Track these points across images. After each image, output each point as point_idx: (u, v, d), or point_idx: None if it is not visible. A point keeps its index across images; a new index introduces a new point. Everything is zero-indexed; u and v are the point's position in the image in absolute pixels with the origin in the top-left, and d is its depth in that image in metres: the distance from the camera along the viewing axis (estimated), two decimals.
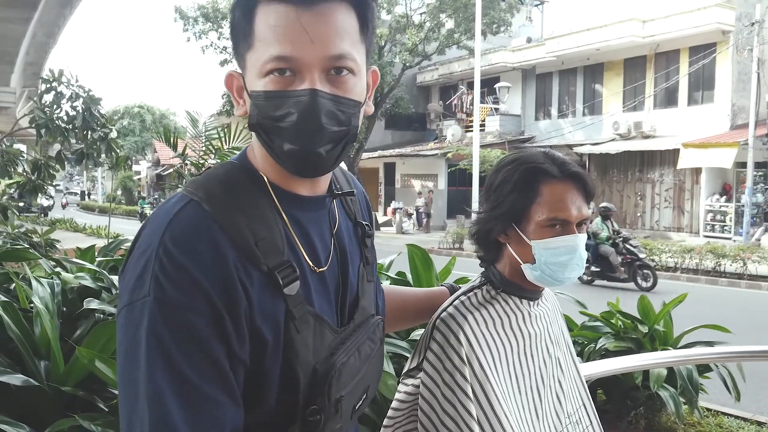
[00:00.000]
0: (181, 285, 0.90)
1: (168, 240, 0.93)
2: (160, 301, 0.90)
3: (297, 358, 1.00)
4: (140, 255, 0.95)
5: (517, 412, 1.42)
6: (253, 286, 0.96)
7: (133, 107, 55.95)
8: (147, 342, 0.89)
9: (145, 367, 0.88)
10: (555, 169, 1.42)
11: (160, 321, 0.89)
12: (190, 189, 1.01)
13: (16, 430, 2.23)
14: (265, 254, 0.98)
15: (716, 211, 20.42)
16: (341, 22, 0.98)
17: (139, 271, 0.93)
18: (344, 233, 1.19)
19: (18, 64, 10.45)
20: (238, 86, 1.05)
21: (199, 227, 0.95)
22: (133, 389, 0.89)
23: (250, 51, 1.00)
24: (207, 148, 6.65)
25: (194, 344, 0.90)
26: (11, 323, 2.60)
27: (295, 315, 1.00)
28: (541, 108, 26.94)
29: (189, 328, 0.90)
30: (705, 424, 4.58)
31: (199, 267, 0.92)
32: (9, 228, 6.32)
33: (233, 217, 0.97)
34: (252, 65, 1.00)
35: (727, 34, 20.14)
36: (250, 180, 1.05)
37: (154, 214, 1.01)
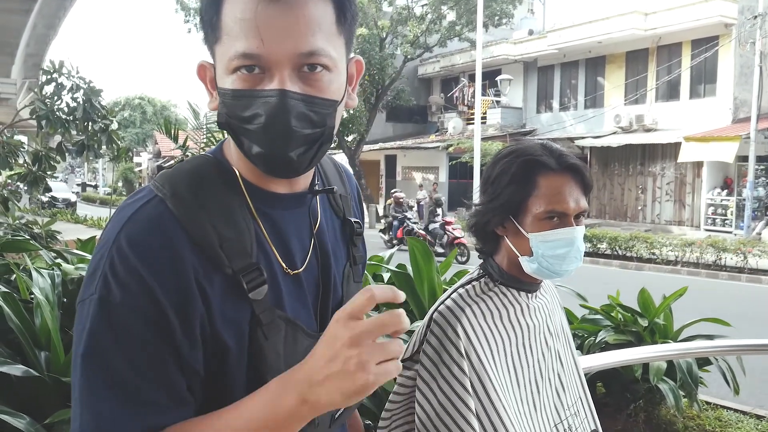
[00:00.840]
0: (128, 286, 0.86)
1: (123, 238, 0.89)
2: (105, 301, 0.86)
3: (266, 365, 0.96)
4: (97, 250, 0.92)
5: (515, 405, 1.42)
6: (214, 290, 0.91)
7: (134, 99, 55.92)
8: (87, 341, 0.86)
9: (81, 367, 0.86)
10: (552, 161, 1.42)
11: (103, 321, 0.86)
12: (158, 183, 0.96)
13: (16, 420, 2.24)
14: (230, 256, 0.93)
15: (717, 204, 20.40)
16: (314, 14, 0.90)
17: (92, 268, 0.90)
18: (327, 232, 1.13)
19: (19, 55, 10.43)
20: (210, 78, 0.99)
21: (158, 227, 0.90)
22: (74, 386, 0.88)
23: (217, 43, 0.93)
24: (208, 139, 6.64)
25: (136, 347, 0.86)
26: (12, 314, 2.61)
27: (263, 321, 0.95)
28: (542, 101, 26.89)
29: (131, 331, 0.86)
30: (704, 417, 4.59)
31: (151, 269, 0.87)
32: (10, 219, 6.32)
33: (197, 216, 0.92)
34: (220, 59, 0.94)
35: (730, 27, 20.07)
36: (221, 176, 0.99)
37: (119, 208, 0.97)
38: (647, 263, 15.21)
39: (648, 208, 22.85)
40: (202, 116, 7.53)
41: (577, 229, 1.41)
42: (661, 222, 22.24)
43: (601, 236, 16.44)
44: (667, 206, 22.27)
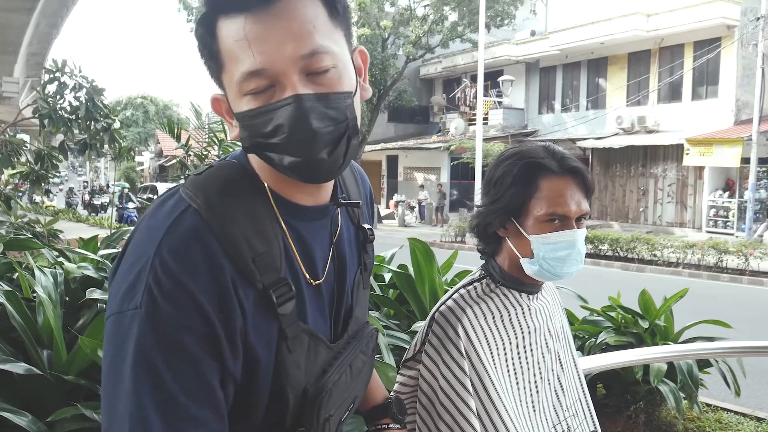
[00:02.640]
0: (176, 300, 0.86)
1: (165, 250, 0.88)
2: (152, 316, 0.85)
3: (287, 378, 0.97)
4: (134, 261, 0.90)
5: (514, 406, 1.42)
6: (248, 302, 0.92)
7: (137, 98, 55.99)
8: (134, 357, 0.85)
9: (130, 383, 0.84)
10: (554, 164, 1.42)
11: (151, 336, 0.85)
12: (189, 192, 0.95)
13: (18, 418, 2.24)
14: (261, 271, 0.93)
15: (719, 206, 20.38)
16: (305, 15, 0.90)
17: (132, 280, 0.88)
18: (345, 240, 1.14)
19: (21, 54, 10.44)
20: (226, 108, 0.98)
21: (197, 239, 0.90)
22: (115, 401, 0.86)
23: (223, 72, 0.93)
24: (210, 139, 6.65)
25: (185, 363, 0.86)
26: (14, 312, 2.61)
27: (288, 335, 0.96)
28: (544, 102, 26.88)
29: (180, 347, 0.85)
30: (704, 419, 4.59)
31: (196, 282, 0.87)
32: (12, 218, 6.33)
33: (232, 230, 0.92)
34: (229, 86, 0.94)
35: (732, 29, 20.05)
36: (250, 186, 0.99)
37: (150, 217, 0.95)
38: (648, 265, 15.19)
39: (649, 210, 22.84)
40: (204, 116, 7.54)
41: (579, 232, 1.42)
42: (663, 224, 22.22)
43: (602, 237, 16.42)
44: (669, 208, 22.26)
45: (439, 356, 1.38)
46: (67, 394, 2.51)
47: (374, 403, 1.35)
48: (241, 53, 0.89)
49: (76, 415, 2.31)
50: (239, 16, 0.89)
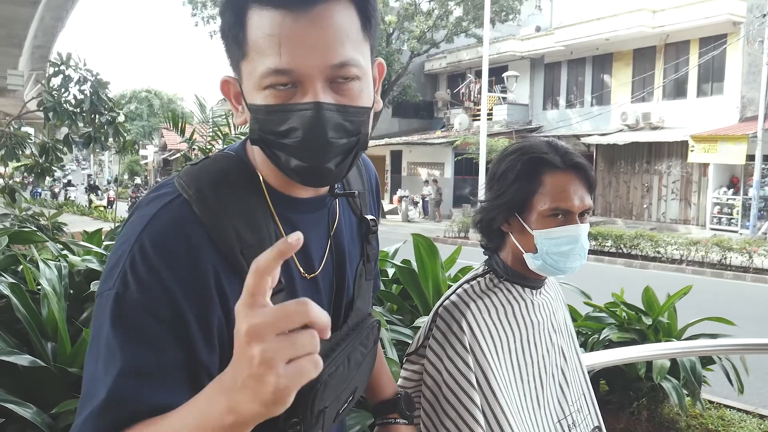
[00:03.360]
0: (146, 285, 0.86)
1: (146, 238, 0.89)
2: (121, 297, 0.86)
3: None
4: (119, 245, 0.91)
5: (517, 401, 1.43)
6: (234, 294, 0.87)
7: (141, 92, 56.00)
8: (102, 334, 0.86)
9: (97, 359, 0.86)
10: (558, 159, 1.42)
11: (116, 317, 0.86)
12: (182, 182, 0.95)
13: (22, 409, 2.25)
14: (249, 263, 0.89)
15: (723, 203, 20.33)
16: (341, 24, 0.89)
17: (113, 262, 0.90)
18: (344, 231, 1.13)
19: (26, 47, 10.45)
20: (236, 93, 0.98)
21: (181, 229, 0.90)
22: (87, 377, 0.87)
23: (244, 60, 0.91)
24: (214, 133, 6.65)
25: (143, 345, 0.85)
26: (19, 304, 2.62)
27: None
28: (549, 98, 26.82)
29: (141, 329, 0.85)
30: (707, 416, 4.60)
31: (171, 270, 0.87)
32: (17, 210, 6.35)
33: (221, 221, 0.92)
34: (248, 76, 0.92)
35: (738, 26, 19.97)
36: (245, 178, 0.99)
37: (141, 202, 0.96)
38: (652, 261, 15.18)
39: (653, 207, 22.79)
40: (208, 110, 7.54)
41: (582, 227, 1.42)
42: (667, 220, 22.18)
43: (606, 234, 16.40)
44: (673, 205, 22.21)
45: (443, 351, 1.39)
46: (71, 386, 2.52)
47: (383, 398, 1.35)
48: (270, 48, 0.88)
49: None
50: (275, 11, 0.87)
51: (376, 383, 1.35)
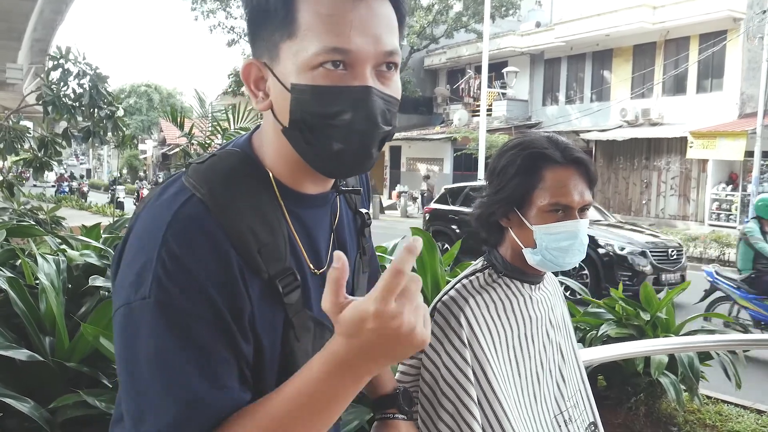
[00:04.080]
0: (186, 290, 0.86)
1: (171, 239, 0.87)
2: (163, 305, 0.85)
3: (295, 366, 0.95)
4: (138, 251, 0.90)
5: (515, 395, 1.43)
6: (254, 292, 0.92)
7: (140, 86, 55.91)
8: (147, 346, 0.85)
9: (148, 370, 0.85)
10: (558, 154, 1.42)
11: (163, 325, 0.85)
12: (192, 181, 0.94)
13: (20, 404, 2.25)
14: (266, 261, 0.93)
15: (722, 200, 20.34)
16: (389, 16, 0.92)
17: (138, 270, 0.88)
18: (345, 226, 1.15)
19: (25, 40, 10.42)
20: (257, 77, 0.96)
21: (203, 228, 0.90)
22: (135, 392, 0.87)
23: (289, 40, 0.90)
24: (214, 128, 6.65)
25: (196, 350, 0.86)
26: (17, 299, 2.62)
27: (295, 324, 0.97)
28: (548, 93, 26.79)
29: (191, 335, 0.86)
30: (705, 411, 4.60)
31: (204, 271, 0.87)
32: (15, 204, 6.35)
33: (236, 220, 0.92)
34: (293, 55, 0.90)
35: (738, 22, 19.94)
36: (254, 176, 0.98)
37: (152, 205, 0.94)
38: None
39: (652, 203, 22.80)
40: (207, 104, 7.54)
41: (581, 222, 1.42)
42: (666, 216, 22.19)
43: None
44: (672, 201, 22.22)
45: (441, 346, 1.39)
46: (70, 381, 2.52)
47: (382, 393, 1.35)
48: (331, 28, 0.87)
49: (79, 401, 2.32)
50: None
51: (375, 379, 1.35)
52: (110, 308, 2.59)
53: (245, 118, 6.62)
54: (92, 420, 2.34)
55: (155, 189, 0.99)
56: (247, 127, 6.60)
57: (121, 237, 3.87)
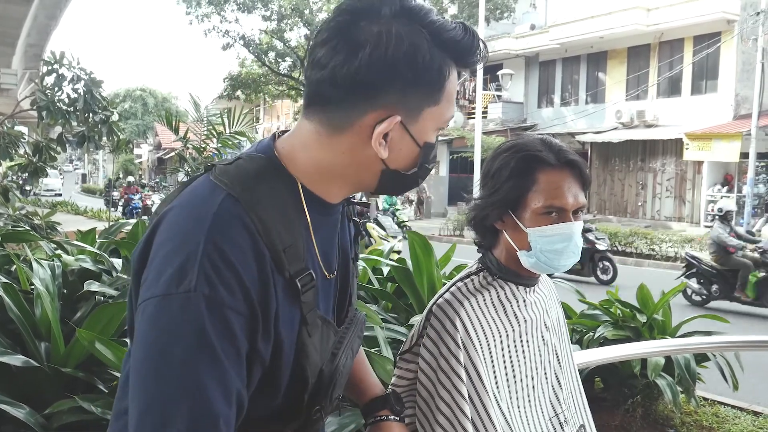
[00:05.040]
0: (230, 284, 0.90)
1: (216, 234, 0.92)
2: (210, 299, 0.89)
3: (308, 360, 1.04)
4: (180, 245, 0.92)
5: (508, 397, 1.43)
6: (279, 290, 0.97)
7: (135, 90, 55.89)
8: (190, 336, 0.88)
9: (185, 361, 0.87)
10: (552, 156, 1.42)
11: (208, 318, 0.88)
12: (225, 181, 0.99)
13: (16, 410, 2.25)
14: (289, 261, 0.98)
15: (717, 201, 20.39)
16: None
17: (180, 263, 0.91)
18: (346, 234, 1.22)
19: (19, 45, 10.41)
20: (399, 134, 1.04)
21: (244, 225, 0.94)
22: (164, 381, 0.88)
23: (434, 105, 1.04)
24: (209, 131, 6.65)
25: (231, 341, 0.90)
26: (12, 304, 2.61)
27: (308, 321, 1.03)
28: (543, 96, 26.84)
29: (232, 328, 0.90)
30: (701, 413, 4.61)
31: (245, 267, 0.92)
32: (10, 210, 6.33)
33: (267, 220, 0.97)
34: (431, 119, 1.05)
35: (732, 24, 20.03)
36: (280, 179, 1.04)
37: (183, 203, 0.98)
38: (647, 259, 15.21)
39: (648, 204, 22.85)
40: (202, 108, 7.53)
41: (576, 225, 1.42)
42: (661, 218, 22.24)
43: (600, 232, 16.41)
44: (668, 202, 22.27)
45: (437, 349, 1.38)
46: (65, 387, 2.51)
47: (372, 396, 1.37)
48: (454, 99, 1.09)
49: (74, 407, 2.32)
50: (461, 71, 1.08)
51: (363, 384, 1.38)
52: (106, 314, 2.58)
53: (240, 121, 6.62)
54: (88, 425, 2.33)
55: (177, 189, 1.05)
56: (241, 131, 6.61)
57: (117, 242, 3.85)
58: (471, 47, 1.05)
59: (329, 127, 1.02)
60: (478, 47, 1.06)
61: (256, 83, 29.58)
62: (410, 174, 1.08)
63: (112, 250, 3.80)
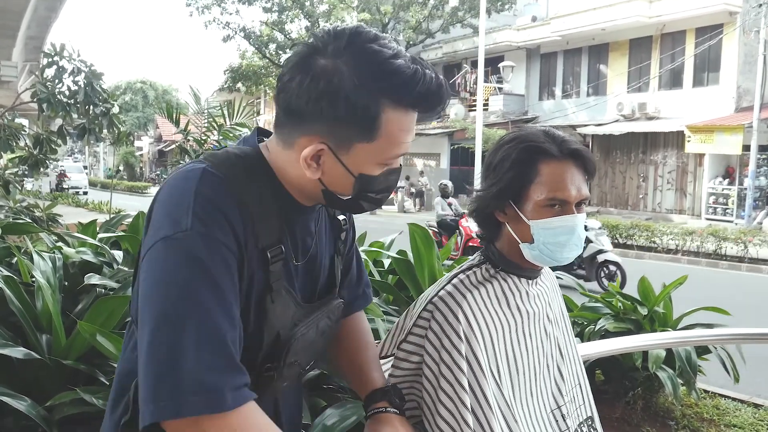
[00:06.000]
0: (222, 225, 1.05)
1: (203, 187, 1.07)
2: (205, 236, 1.03)
3: (266, 323, 1.16)
4: (174, 200, 1.08)
5: (510, 390, 1.42)
6: (249, 255, 1.11)
7: (136, 83, 55.74)
8: (190, 267, 1.01)
9: (187, 287, 1.00)
10: (554, 148, 1.41)
11: (204, 251, 1.02)
12: (212, 162, 1.13)
13: (17, 402, 2.25)
14: (260, 235, 1.13)
15: (719, 193, 20.38)
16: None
17: (175, 213, 1.05)
18: (323, 229, 1.35)
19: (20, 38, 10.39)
20: (317, 155, 1.12)
21: (225, 190, 1.09)
22: (171, 303, 1.00)
23: (365, 142, 1.11)
24: (210, 124, 6.63)
25: (227, 272, 1.05)
26: (13, 297, 2.61)
27: (273, 288, 1.16)
28: (545, 88, 26.78)
29: (226, 260, 1.05)
30: (702, 405, 4.61)
31: (232, 214, 1.07)
32: (11, 202, 6.33)
33: (245, 196, 1.11)
34: (367, 154, 1.12)
35: (734, 15, 19.95)
36: (265, 175, 1.17)
37: (177, 176, 1.12)
38: (647, 252, 15.22)
39: (649, 197, 22.83)
40: (203, 101, 7.52)
41: (578, 217, 1.41)
42: (662, 210, 22.22)
43: (601, 224, 16.41)
44: (669, 195, 22.25)
45: (440, 342, 1.38)
46: (67, 379, 2.51)
47: (373, 388, 1.40)
48: (403, 139, 1.14)
49: (76, 399, 2.32)
50: (412, 112, 1.13)
51: (364, 377, 1.42)
52: (107, 306, 2.58)
53: (241, 114, 6.60)
54: (89, 418, 2.33)
55: (174, 170, 1.19)
56: (242, 123, 6.60)
57: (118, 236, 3.85)
58: (416, 90, 1.09)
59: (281, 142, 1.17)
60: (427, 91, 1.10)
61: (256, 75, 29.53)
62: (347, 199, 1.18)
63: (113, 243, 3.79)
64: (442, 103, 1.15)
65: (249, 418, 1.02)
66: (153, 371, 0.98)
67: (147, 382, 0.98)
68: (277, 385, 1.23)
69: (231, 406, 0.99)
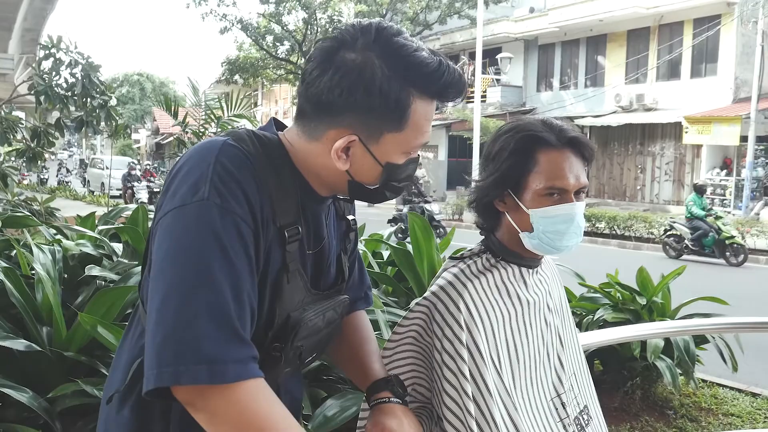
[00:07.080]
0: (238, 197, 1.06)
1: (223, 158, 1.09)
2: (221, 207, 1.05)
3: (280, 302, 1.18)
4: (193, 167, 1.09)
5: (510, 378, 1.43)
6: (268, 233, 1.13)
7: (133, 75, 55.64)
8: (204, 236, 1.03)
9: (200, 257, 1.02)
10: (552, 137, 1.42)
11: (219, 222, 1.04)
12: (235, 138, 1.15)
13: (19, 394, 2.26)
14: (279, 214, 1.15)
15: (716, 184, 20.40)
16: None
17: (193, 180, 1.07)
18: (332, 223, 1.37)
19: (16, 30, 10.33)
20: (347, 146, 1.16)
21: (246, 163, 1.11)
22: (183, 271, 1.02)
23: (395, 131, 1.15)
24: (207, 116, 6.62)
25: (241, 244, 1.06)
26: (13, 289, 2.62)
27: (290, 268, 1.18)
28: (542, 79, 26.75)
29: (241, 232, 1.06)
30: (700, 394, 4.63)
31: (249, 187, 1.09)
32: (9, 195, 6.32)
33: (265, 174, 1.13)
34: (395, 143, 1.17)
35: (732, 6, 19.92)
36: (285, 162, 1.19)
37: (199, 146, 1.15)
38: (645, 242, 15.24)
39: (647, 188, 22.85)
40: (201, 93, 7.51)
41: (577, 205, 1.42)
42: (660, 202, 22.25)
43: (599, 215, 16.45)
44: (666, 186, 22.27)
45: (442, 331, 1.39)
46: (68, 371, 2.52)
47: (375, 379, 1.41)
48: (427, 128, 1.19)
49: (77, 390, 2.33)
50: (434, 102, 1.18)
51: (367, 368, 1.43)
52: (107, 298, 2.58)
53: (238, 105, 6.60)
54: (90, 409, 2.34)
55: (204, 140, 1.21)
56: (240, 114, 6.59)
57: (117, 227, 3.86)
58: (441, 81, 1.15)
59: (306, 135, 1.19)
60: (450, 81, 1.16)
61: (254, 67, 29.42)
62: (374, 189, 1.22)
63: (112, 235, 3.80)
64: (463, 92, 1.20)
65: (255, 394, 1.03)
66: (159, 337, 0.99)
67: (152, 348, 1.00)
68: (281, 370, 1.24)
69: (232, 379, 1.00)
